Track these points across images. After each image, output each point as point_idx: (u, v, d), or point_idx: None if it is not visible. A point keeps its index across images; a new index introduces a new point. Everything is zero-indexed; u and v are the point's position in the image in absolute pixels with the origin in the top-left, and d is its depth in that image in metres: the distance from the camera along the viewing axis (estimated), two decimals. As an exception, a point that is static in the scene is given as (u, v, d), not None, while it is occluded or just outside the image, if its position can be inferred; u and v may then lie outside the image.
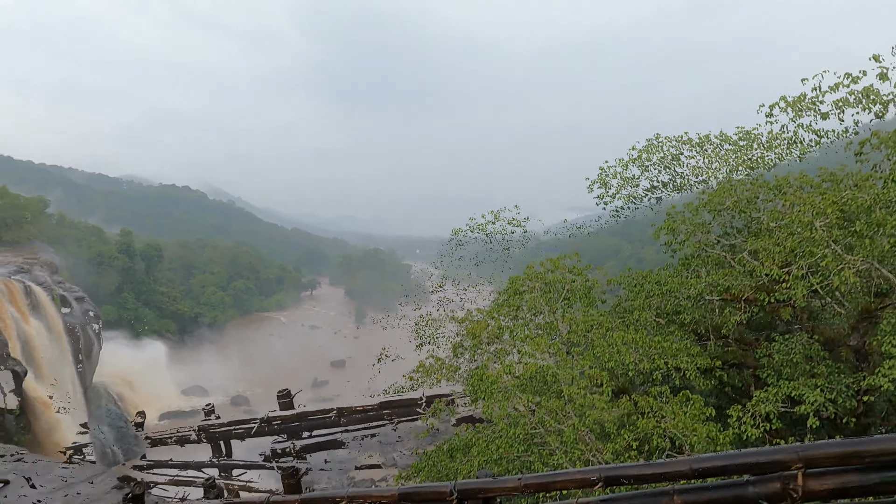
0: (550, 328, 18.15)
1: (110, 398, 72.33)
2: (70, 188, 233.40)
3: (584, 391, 13.30)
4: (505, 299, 19.77)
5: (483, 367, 16.45)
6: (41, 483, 9.60)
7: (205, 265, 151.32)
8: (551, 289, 19.04)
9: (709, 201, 17.79)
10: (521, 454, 13.37)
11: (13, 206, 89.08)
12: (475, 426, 21.45)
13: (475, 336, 18.69)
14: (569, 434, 12.45)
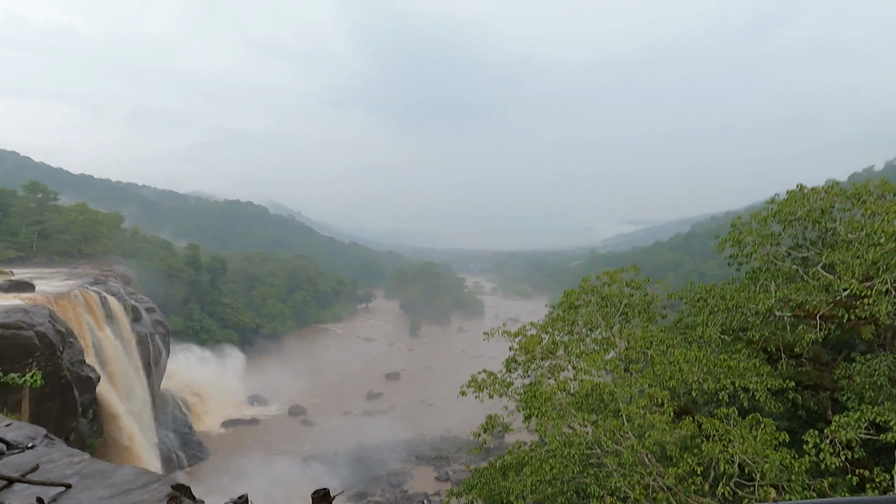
0: (607, 344, 17.48)
1: (176, 405, 75.41)
2: (143, 204, 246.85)
3: (643, 411, 12.67)
4: (559, 313, 19.22)
5: (537, 382, 16.00)
6: (101, 487, 9.94)
7: (266, 278, 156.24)
8: (608, 303, 18.38)
9: (778, 211, 16.78)
10: (577, 475, 12.84)
11: (92, 222, 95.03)
12: (528, 444, 20.91)
13: (528, 351, 18.25)
14: (627, 456, 11.85)
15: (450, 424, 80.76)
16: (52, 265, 78.50)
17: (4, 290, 45.35)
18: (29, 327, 32.00)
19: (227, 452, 69.88)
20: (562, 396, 14.67)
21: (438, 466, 69.13)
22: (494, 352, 45.47)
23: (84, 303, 51.97)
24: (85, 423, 38.62)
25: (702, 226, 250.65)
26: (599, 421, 12.85)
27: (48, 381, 30.95)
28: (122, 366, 54.52)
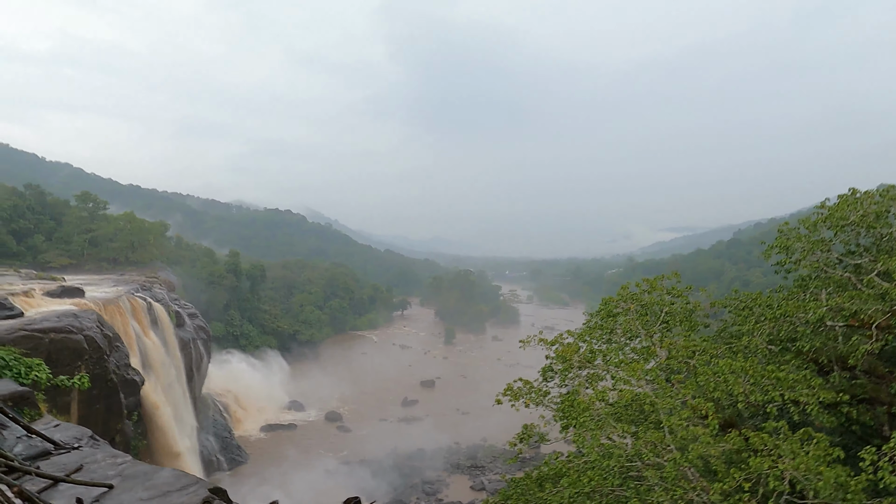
0: (647, 353, 17.00)
1: (217, 409, 77.07)
2: (187, 213, 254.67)
3: (686, 423, 12.22)
4: (598, 321, 18.81)
5: (574, 392, 15.65)
6: (142, 489, 10.14)
7: (303, 285, 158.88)
8: (648, 311, 17.89)
9: (829, 216, 16.05)
10: (616, 488, 12.45)
11: (140, 230, 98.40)
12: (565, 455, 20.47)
13: (565, 359, 17.90)
14: (669, 469, 11.43)
15: (485, 433, 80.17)
16: (101, 272, 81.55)
17: (57, 296, 47.25)
18: (78, 331, 33.21)
19: (266, 457, 70.97)
20: (600, 406, 14.29)
21: (474, 475, 68.61)
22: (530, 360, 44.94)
23: (130, 308, 53.67)
24: (130, 425, 39.76)
25: (745, 233, 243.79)
26: (640, 432, 12.44)
27: (95, 383, 31.99)
28: (166, 370, 56.01)
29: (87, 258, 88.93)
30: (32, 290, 46.41)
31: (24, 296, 43.32)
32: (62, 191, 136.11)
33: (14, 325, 30.42)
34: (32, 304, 41.66)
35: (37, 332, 30.07)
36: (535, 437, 18.07)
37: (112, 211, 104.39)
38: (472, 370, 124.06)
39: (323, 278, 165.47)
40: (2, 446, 11.08)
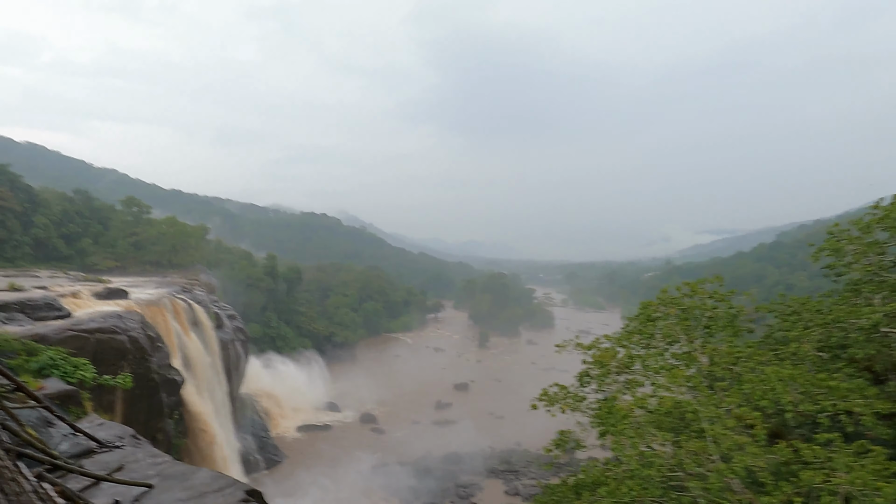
0: (688, 359, 16.46)
1: (254, 409, 78.49)
2: (226, 217, 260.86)
3: (730, 432, 11.74)
4: (636, 326, 18.33)
5: (612, 398, 15.26)
6: (180, 489, 10.29)
7: (338, 287, 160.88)
8: (689, 316, 17.34)
9: (884, 217, 15.25)
10: (657, 499, 12.04)
11: (181, 234, 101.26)
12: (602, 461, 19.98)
13: (603, 364, 17.51)
14: (714, 480, 10.99)
15: (520, 437, 79.48)
16: (144, 274, 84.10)
17: (103, 297, 48.90)
18: (122, 332, 34.22)
19: (302, 456, 71.87)
20: (639, 414, 13.87)
21: (508, 480, 68.02)
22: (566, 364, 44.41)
23: (172, 310, 55.09)
24: (171, 423, 40.74)
25: (788, 235, 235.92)
26: (682, 441, 12.00)
27: (138, 383, 32.89)
28: (206, 370, 57.26)
29: (132, 261, 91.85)
30: (80, 292, 48.14)
31: (73, 297, 44.97)
32: (108, 196, 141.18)
33: (62, 326, 31.53)
34: (80, 305, 43.18)
35: (83, 332, 31.08)
36: (572, 444, 17.72)
37: (155, 215, 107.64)
38: (507, 374, 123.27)
39: (357, 281, 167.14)
40: (48, 443, 11.41)
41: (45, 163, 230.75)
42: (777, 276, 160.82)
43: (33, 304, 36.12)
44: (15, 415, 10.28)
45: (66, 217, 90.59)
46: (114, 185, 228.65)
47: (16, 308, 34.72)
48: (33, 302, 36.54)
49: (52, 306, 37.09)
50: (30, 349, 22.38)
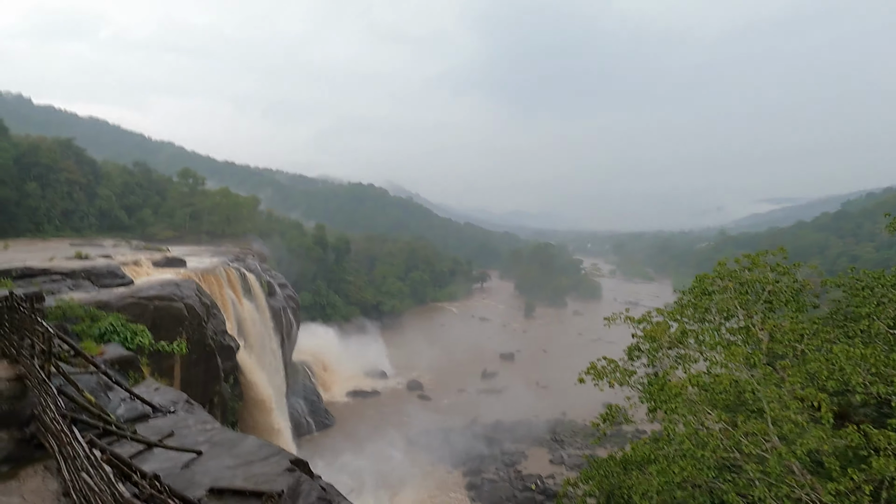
0: (746, 335, 15.64)
1: (306, 375, 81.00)
2: (277, 188, 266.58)
3: (793, 414, 11.07)
4: (690, 300, 17.54)
5: (665, 374, 14.69)
6: (228, 457, 10.55)
7: (386, 257, 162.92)
8: (748, 289, 16.44)
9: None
10: (711, 481, 11.55)
11: (234, 205, 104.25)
12: (649, 434, 19.46)
13: (654, 339, 16.89)
14: (773, 463, 10.40)
15: (565, 407, 79.35)
16: (200, 243, 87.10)
17: (161, 266, 50.95)
18: (179, 299, 35.54)
19: (351, 421, 74.02)
20: (693, 391, 13.29)
21: (553, 449, 68.21)
22: (613, 336, 43.54)
23: (226, 278, 56.89)
24: (227, 387, 42.43)
25: (855, 204, 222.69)
26: (739, 422, 11.40)
27: (195, 348, 34.23)
28: (259, 337, 59.21)
29: (188, 231, 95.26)
30: (140, 260, 50.26)
31: (134, 265, 47.00)
32: (166, 168, 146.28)
33: (124, 293, 32.98)
34: (140, 274, 45.10)
35: (143, 299, 32.42)
36: (620, 419, 17.30)
37: (209, 187, 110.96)
38: (552, 344, 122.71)
39: (404, 251, 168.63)
40: (106, 408, 11.87)
41: (107, 137, 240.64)
42: (841, 248, 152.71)
43: (98, 272, 37.86)
44: (73, 380, 10.70)
45: (127, 189, 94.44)
46: (171, 157, 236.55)
47: (82, 275, 36.49)
48: (98, 270, 38.31)
49: (114, 274, 38.80)
50: (92, 315, 23.46)
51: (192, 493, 9.36)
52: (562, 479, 60.11)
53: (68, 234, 75.43)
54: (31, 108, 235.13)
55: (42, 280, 32.33)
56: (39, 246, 57.78)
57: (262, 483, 9.80)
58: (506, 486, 58.25)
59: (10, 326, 14.01)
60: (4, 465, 10.68)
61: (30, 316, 12.72)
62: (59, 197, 77.62)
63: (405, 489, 56.80)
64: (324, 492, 10.08)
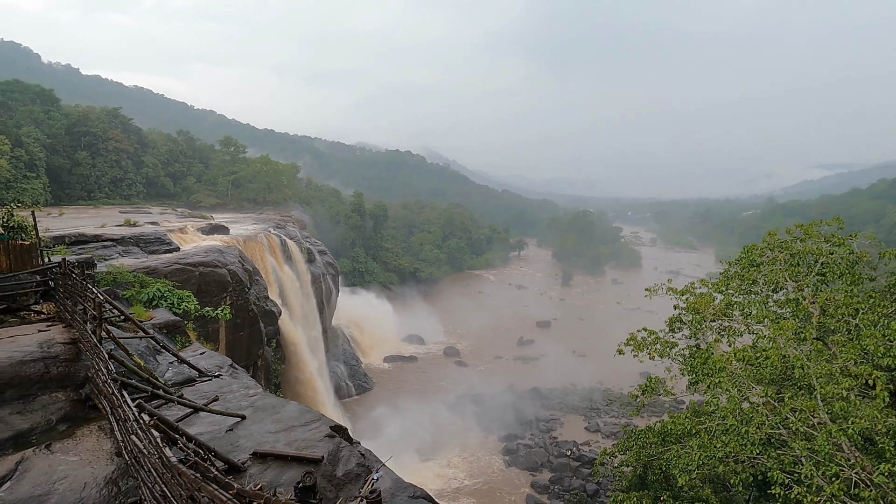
0: (796, 308, 15.02)
1: (345, 339, 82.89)
2: (315, 155, 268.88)
3: (845, 391, 10.63)
4: (737, 271, 16.94)
5: (708, 347, 14.30)
6: (270, 422, 10.87)
7: (423, 224, 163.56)
8: (800, 261, 15.73)
9: None
10: (755, 457, 11.28)
11: (274, 172, 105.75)
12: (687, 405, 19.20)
13: (697, 311, 16.43)
14: (822, 441, 10.05)
15: (602, 376, 79.18)
16: (242, 210, 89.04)
17: (206, 233, 52.34)
18: (223, 266, 36.51)
19: (389, 385, 75.68)
20: (737, 365, 12.90)
21: (589, 417, 68.36)
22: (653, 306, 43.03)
23: (268, 245, 58.11)
24: (270, 351, 43.75)
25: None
26: (786, 398, 11.03)
27: (238, 313, 35.27)
28: (300, 302, 60.57)
29: (231, 198, 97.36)
30: (186, 227, 51.71)
31: (180, 232, 48.40)
32: (208, 136, 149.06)
33: (171, 259, 34.05)
34: (186, 240, 46.42)
35: (189, 265, 33.40)
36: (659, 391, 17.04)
37: (250, 154, 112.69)
38: (590, 313, 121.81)
39: (441, 218, 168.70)
40: (154, 371, 12.32)
41: (152, 106, 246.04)
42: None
43: (146, 239, 39.14)
44: (123, 344, 11.11)
45: (172, 157, 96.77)
46: (213, 126, 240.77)
47: (131, 242, 37.79)
48: (146, 237, 39.59)
49: (161, 241, 40.04)
50: (141, 281, 24.33)
51: (236, 456, 9.69)
52: (597, 446, 60.51)
53: (118, 202, 78.16)
54: (79, 78, 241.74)
55: (94, 246, 33.60)
56: (91, 213, 60.05)
57: (303, 448, 10.06)
58: (541, 451, 58.89)
59: (63, 292, 14.61)
60: (62, 424, 11.27)
61: (81, 282, 13.21)
62: (108, 165, 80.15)
63: (442, 453, 58.08)
64: (363, 458, 10.29)
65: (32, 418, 11.32)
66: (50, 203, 65.83)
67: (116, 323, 13.52)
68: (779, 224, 17.43)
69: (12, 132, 62.59)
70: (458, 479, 53.96)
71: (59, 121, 75.81)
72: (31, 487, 9.59)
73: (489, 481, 53.73)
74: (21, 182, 61.04)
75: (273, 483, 9.05)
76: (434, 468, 55.38)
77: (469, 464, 57.06)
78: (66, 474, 9.90)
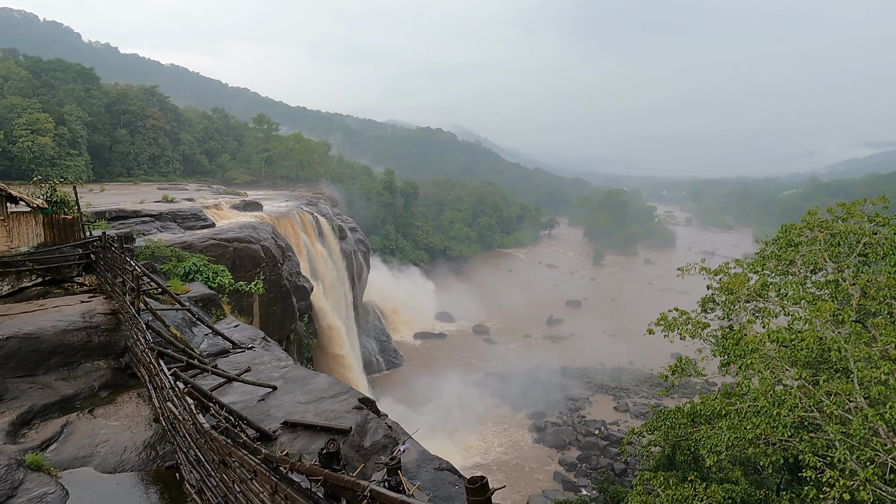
0: (835, 290, 14.55)
1: (376, 316, 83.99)
2: (346, 133, 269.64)
3: (883, 375, 10.31)
4: (774, 251, 16.47)
5: (742, 328, 14.01)
6: (300, 393, 11.17)
7: (453, 202, 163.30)
8: (841, 241, 15.19)
9: None
10: (786, 440, 11.08)
11: (306, 150, 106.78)
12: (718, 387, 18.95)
13: (731, 291, 16.07)
14: (857, 425, 9.81)
15: (632, 356, 78.57)
16: (276, 188, 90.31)
17: (240, 209, 53.35)
18: (256, 242, 37.27)
19: (419, 361, 76.61)
20: (771, 347, 12.62)
21: (618, 397, 68.11)
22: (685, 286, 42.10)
23: (300, 222, 58.95)
24: (302, 326, 44.68)
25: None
26: (821, 381, 10.76)
27: (271, 288, 36.04)
28: (331, 278, 61.49)
29: (264, 175, 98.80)
30: (221, 204, 52.77)
31: (215, 208, 49.43)
32: (242, 114, 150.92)
33: (206, 235, 34.87)
34: (221, 217, 47.41)
35: (223, 241, 34.17)
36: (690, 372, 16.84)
37: (283, 132, 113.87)
38: (621, 293, 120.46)
39: (472, 196, 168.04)
40: (191, 342, 12.73)
41: (187, 83, 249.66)
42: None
43: (183, 215, 40.14)
44: (160, 316, 11.50)
45: (207, 134, 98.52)
46: (246, 103, 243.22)
47: (168, 217, 38.81)
48: (183, 212, 40.60)
49: (197, 217, 41.00)
50: (178, 255, 25.04)
51: (267, 425, 10.01)
52: (626, 426, 60.33)
53: (155, 178, 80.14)
54: (118, 56, 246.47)
55: (133, 221, 34.63)
56: (131, 189, 61.75)
57: (332, 419, 10.32)
58: (569, 430, 59.06)
59: (104, 265, 15.14)
60: (104, 390, 11.79)
61: (121, 255, 13.66)
62: (147, 143, 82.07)
63: (469, 429, 58.77)
64: (389, 430, 10.50)
65: (76, 384, 11.87)
66: (91, 180, 67.89)
67: (154, 295, 13.98)
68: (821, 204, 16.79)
69: (55, 110, 64.47)
70: (486, 455, 54.62)
71: (100, 99, 77.70)
72: (76, 449, 10.09)
73: (517, 457, 54.25)
74: (65, 159, 63.04)
75: (302, 451, 9.32)
76: (461, 443, 56.14)
77: (497, 440, 57.65)
78: (107, 438, 10.38)
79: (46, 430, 10.54)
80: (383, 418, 10.74)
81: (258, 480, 5.64)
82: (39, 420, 10.84)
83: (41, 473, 9.18)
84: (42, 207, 17.83)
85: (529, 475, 51.17)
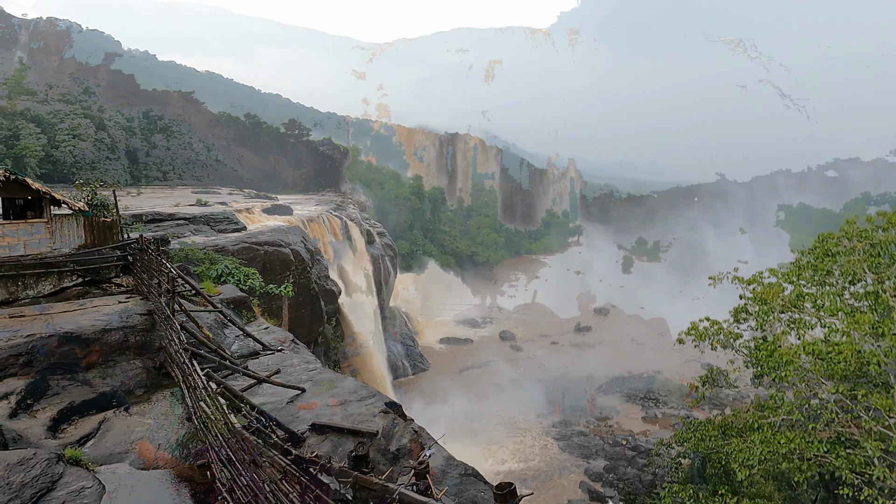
0: (875, 301, 14.11)
1: (402, 320, 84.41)
2: (376, 138, 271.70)
3: (926, 391, 9.97)
4: (810, 261, 16.06)
5: (775, 339, 13.68)
6: (327, 395, 11.32)
7: (481, 208, 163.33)
8: (881, 251, 14.73)
9: None
10: (822, 455, 10.77)
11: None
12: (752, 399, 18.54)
13: (765, 302, 15.72)
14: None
15: (661, 366, 77.19)
16: (305, 192, 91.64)
17: (271, 213, 54.33)
18: (286, 245, 37.91)
19: (444, 366, 76.60)
20: (806, 359, 12.31)
21: (646, 407, 66.94)
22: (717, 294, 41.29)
23: (329, 226, 59.73)
24: (329, 328, 45.18)
25: None
26: (860, 395, 10.45)
27: (300, 292, 36.57)
28: (359, 282, 62.09)
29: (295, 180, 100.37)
30: (252, 208, 53.78)
31: (246, 212, 50.40)
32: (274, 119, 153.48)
33: (238, 238, 35.61)
34: (252, 220, 48.31)
35: (255, 244, 34.84)
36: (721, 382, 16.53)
37: (313, 137, 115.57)
38: (650, 301, 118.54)
39: (499, 202, 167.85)
40: (222, 343, 13.01)
41: (222, 89, 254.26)
42: None
43: (215, 218, 41.04)
44: (194, 317, 11.79)
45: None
46: (277, 109, 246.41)
47: (202, 221, 39.72)
48: (215, 216, 41.51)
49: (229, 220, 41.87)
50: (211, 258, 25.62)
51: (296, 427, 10.16)
52: (654, 437, 59.17)
53: (190, 182, 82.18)
54: (156, 63, 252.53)
55: (168, 224, 35.55)
56: (166, 193, 63.38)
57: (358, 422, 10.43)
58: (595, 438, 58.25)
59: (141, 266, 15.59)
60: (139, 388, 12.13)
61: (157, 257, 14.05)
62: (182, 147, 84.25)
63: (495, 435, 58.45)
64: (416, 434, 10.55)
65: (113, 382, 12.25)
66: (129, 183, 69.98)
67: (188, 297, 14.34)
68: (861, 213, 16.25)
69: (96, 116, 66.70)
70: (511, 462, 54.25)
71: (137, 105, 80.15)
72: (112, 445, 10.40)
73: (542, 465, 53.72)
74: (104, 163, 65.14)
75: (330, 454, 9.43)
76: (487, 449, 55.86)
77: (522, 447, 57.21)
78: (142, 435, 10.68)
79: (84, 426, 10.90)
80: (409, 423, 10.82)
81: (288, 480, 5.75)
82: (78, 416, 11.23)
83: (79, 468, 9.49)
84: (83, 210, 18.51)
85: (555, 484, 50.63)
